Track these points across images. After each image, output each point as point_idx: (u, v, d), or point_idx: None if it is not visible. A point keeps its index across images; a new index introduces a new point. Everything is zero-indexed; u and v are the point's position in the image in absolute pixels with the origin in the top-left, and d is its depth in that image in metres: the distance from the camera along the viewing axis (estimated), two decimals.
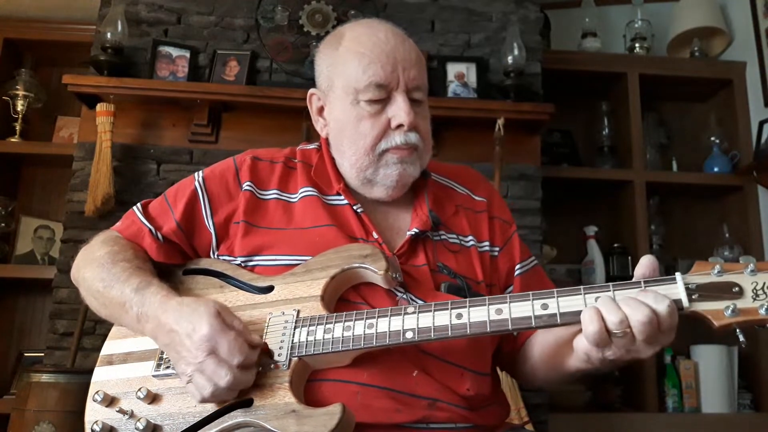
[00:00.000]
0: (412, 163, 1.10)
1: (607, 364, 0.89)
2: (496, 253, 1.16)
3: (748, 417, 2.69)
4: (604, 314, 0.83)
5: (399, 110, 1.07)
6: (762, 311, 0.81)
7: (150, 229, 1.09)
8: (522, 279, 1.16)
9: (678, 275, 0.85)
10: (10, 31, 2.96)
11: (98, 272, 1.03)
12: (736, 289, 0.83)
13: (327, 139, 1.19)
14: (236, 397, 0.91)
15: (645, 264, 0.88)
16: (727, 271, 0.84)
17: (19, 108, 2.90)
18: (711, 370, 2.70)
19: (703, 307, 0.83)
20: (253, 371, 0.91)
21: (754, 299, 0.82)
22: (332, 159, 1.17)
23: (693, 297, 0.83)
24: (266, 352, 0.94)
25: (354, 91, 1.08)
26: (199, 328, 0.89)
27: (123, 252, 1.06)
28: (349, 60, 1.09)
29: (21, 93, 2.90)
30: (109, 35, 2.42)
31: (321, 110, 1.18)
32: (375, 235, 1.08)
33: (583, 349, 0.87)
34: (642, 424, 2.59)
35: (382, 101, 1.08)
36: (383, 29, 1.11)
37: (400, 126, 1.07)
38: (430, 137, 1.15)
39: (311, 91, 1.19)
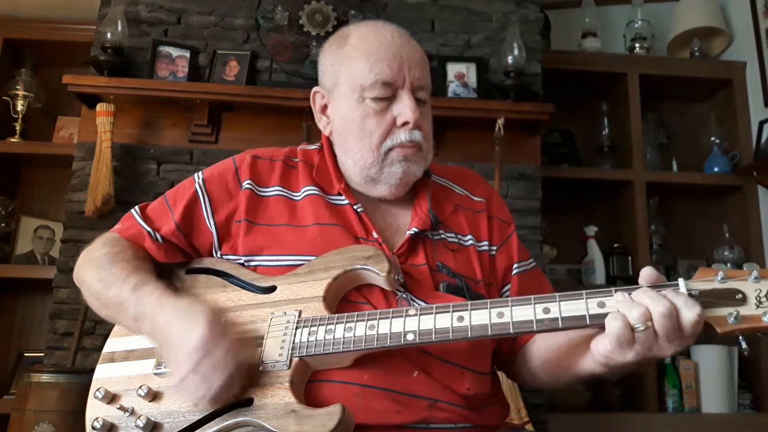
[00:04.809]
0: (416, 162, 1.11)
1: (623, 368, 0.87)
2: (494, 252, 1.16)
3: (748, 417, 2.69)
4: (624, 311, 0.82)
5: (405, 108, 1.08)
6: (765, 318, 0.81)
7: (149, 232, 1.09)
8: (520, 278, 1.16)
9: (681, 281, 0.84)
10: (10, 31, 2.96)
11: (97, 272, 1.04)
12: (740, 296, 0.83)
13: (329, 138, 1.19)
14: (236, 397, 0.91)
15: (644, 276, 0.87)
16: (730, 278, 0.84)
17: (19, 108, 2.89)
18: (711, 370, 2.70)
19: (707, 313, 0.82)
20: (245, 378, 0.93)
21: (758, 306, 0.82)
22: (333, 158, 1.17)
23: None
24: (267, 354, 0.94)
25: (360, 88, 1.09)
26: (195, 331, 0.89)
27: (123, 252, 1.06)
28: (356, 58, 1.10)
29: (21, 93, 2.90)
30: (109, 35, 2.42)
31: (324, 108, 1.19)
32: (375, 235, 1.08)
33: (603, 352, 0.85)
34: (642, 424, 2.59)
35: (388, 99, 1.09)
36: (389, 29, 1.13)
37: (405, 124, 1.08)
38: (431, 138, 1.15)
39: (315, 88, 1.19)
